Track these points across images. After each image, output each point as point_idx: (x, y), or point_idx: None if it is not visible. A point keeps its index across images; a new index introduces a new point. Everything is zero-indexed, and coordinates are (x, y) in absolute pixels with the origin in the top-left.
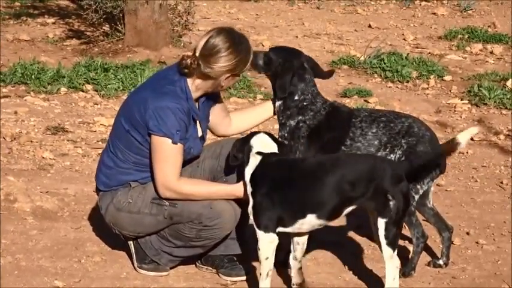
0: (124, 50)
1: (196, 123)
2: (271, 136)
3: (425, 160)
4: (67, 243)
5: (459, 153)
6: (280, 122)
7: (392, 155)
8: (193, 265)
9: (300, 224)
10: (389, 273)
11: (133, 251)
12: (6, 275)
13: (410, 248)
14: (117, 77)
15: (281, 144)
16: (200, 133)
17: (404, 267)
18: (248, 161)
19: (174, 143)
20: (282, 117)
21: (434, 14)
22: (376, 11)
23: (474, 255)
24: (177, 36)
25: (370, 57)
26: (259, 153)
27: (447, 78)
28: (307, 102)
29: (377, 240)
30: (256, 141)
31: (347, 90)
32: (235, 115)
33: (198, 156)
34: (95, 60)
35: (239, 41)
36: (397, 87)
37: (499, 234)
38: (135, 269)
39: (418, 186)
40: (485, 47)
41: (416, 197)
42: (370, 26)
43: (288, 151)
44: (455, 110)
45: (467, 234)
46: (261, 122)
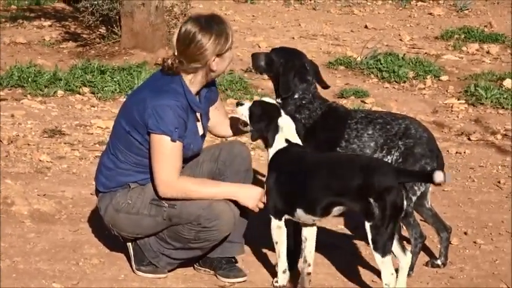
0: (120, 52)
1: (196, 118)
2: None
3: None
4: (65, 246)
5: (456, 153)
6: None
7: (389, 157)
8: (192, 267)
9: (298, 216)
10: (383, 279)
11: (131, 252)
12: (4, 278)
13: (409, 248)
14: (114, 79)
15: None
16: (201, 129)
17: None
18: (273, 141)
19: (172, 140)
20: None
21: (431, 14)
22: (372, 12)
23: (472, 255)
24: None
25: (366, 57)
26: (287, 141)
27: (444, 78)
28: (306, 102)
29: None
30: (284, 124)
31: (344, 90)
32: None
33: (198, 154)
34: (92, 62)
35: (205, 20)
36: (393, 88)
37: (497, 234)
38: (133, 271)
39: (416, 188)
40: (482, 46)
41: (414, 198)
42: (366, 26)
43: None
44: (452, 110)
45: (465, 234)
46: None
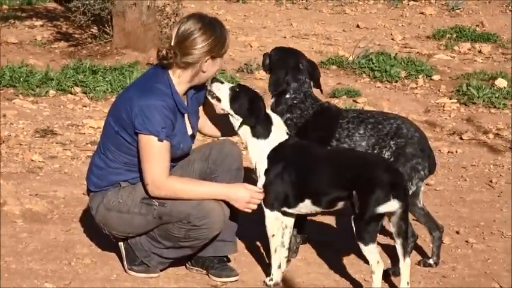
0: (112, 52)
1: (185, 118)
2: None
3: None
4: (57, 246)
5: (448, 152)
6: None
7: None
8: (184, 266)
9: (300, 208)
10: (370, 266)
11: (123, 252)
12: None
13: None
14: (106, 79)
15: None
16: (190, 129)
17: (395, 267)
18: (268, 133)
19: (160, 140)
20: (277, 112)
21: (423, 13)
22: (364, 11)
23: (464, 254)
24: (165, 37)
25: (358, 57)
26: (288, 134)
27: (436, 77)
28: (297, 101)
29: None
30: (276, 118)
31: (336, 90)
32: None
33: (188, 153)
34: (83, 62)
35: (210, 21)
36: (385, 87)
37: (489, 233)
38: (125, 270)
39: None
40: (474, 46)
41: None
42: (358, 26)
43: None
44: (444, 110)
45: (457, 233)
46: None
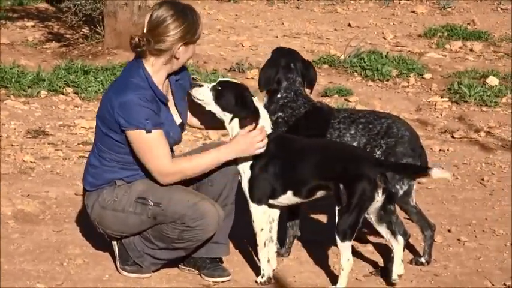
0: (104, 52)
1: (169, 107)
2: None
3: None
4: (49, 246)
5: (440, 150)
6: None
7: None
8: (176, 267)
9: (282, 199)
10: (340, 262)
11: (116, 252)
12: None
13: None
14: (97, 79)
15: None
16: (178, 117)
17: (387, 265)
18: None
19: (148, 131)
20: (269, 111)
21: (414, 12)
22: (355, 10)
23: (456, 253)
24: None
25: (350, 56)
26: (272, 128)
27: (427, 76)
28: (288, 100)
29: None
30: (263, 111)
31: (327, 89)
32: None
33: (180, 141)
34: (75, 63)
35: (183, 8)
36: (377, 86)
37: (481, 231)
38: (118, 270)
39: (398, 186)
40: (465, 44)
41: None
42: (349, 25)
43: None
44: (435, 108)
45: (448, 231)
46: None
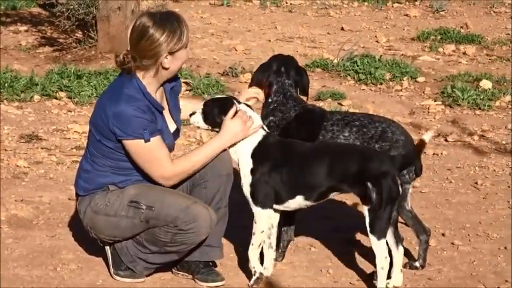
0: (97, 56)
1: (164, 115)
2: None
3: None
4: (43, 252)
5: (433, 154)
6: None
7: None
8: (170, 271)
9: (289, 203)
10: (378, 262)
11: (109, 257)
12: None
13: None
14: (91, 83)
15: None
16: (173, 125)
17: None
18: None
19: (147, 141)
20: (262, 116)
21: (407, 15)
22: (348, 14)
23: (450, 256)
24: None
25: (343, 59)
26: (264, 130)
27: (420, 79)
28: (278, 104)
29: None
30: (256, 117)
31: (321, 93)
32: None
33: (173, 149)
34: (68, 67)
35: (161, 17)
36: (370, 90)
37: (475, 235)
38: (111, 275)
39: None
40: (458, 47)
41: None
42: (342, 28)
43: None
44: (429, 112)
45: (442, 235)
46: None
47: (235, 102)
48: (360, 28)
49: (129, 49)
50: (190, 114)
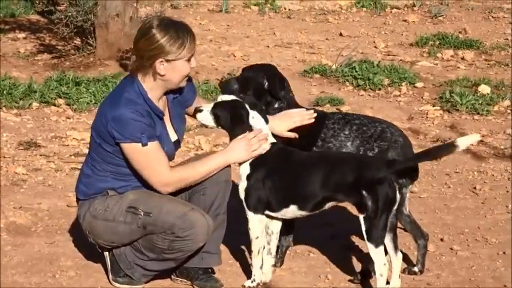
0: (95, 63)
1: (164, 122)
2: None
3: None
4: (41, 259)
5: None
6: None
7: None
8: (168, 278)
9: (284, 212)
10: (376, 269)
11: (108, 263)
12: None
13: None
14: (89, 90)
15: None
16: (174, 134)
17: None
18: None
19: (144, 145)
20: None
21: (405, 21)
22: (347, 20)
23: (448, 262)
24: None
25: (341, 65)
26: (272, 143)
27: (419, 85)
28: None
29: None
30: (264, 126)
31: (319, 99)
32: None
33: (173, 158)
34: (67, 74)
35: (171, 21)
36: (369, 95)
37: (473, 240)
38: (110, 282)
39: None
40: (457, 53)
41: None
42: (341, 34)
43: None
44: (427, 117)
45: (441, 240)
46: None
47: (249, 117)
48: (359, 34)
49: (133, 47)
50: (196, 111)
